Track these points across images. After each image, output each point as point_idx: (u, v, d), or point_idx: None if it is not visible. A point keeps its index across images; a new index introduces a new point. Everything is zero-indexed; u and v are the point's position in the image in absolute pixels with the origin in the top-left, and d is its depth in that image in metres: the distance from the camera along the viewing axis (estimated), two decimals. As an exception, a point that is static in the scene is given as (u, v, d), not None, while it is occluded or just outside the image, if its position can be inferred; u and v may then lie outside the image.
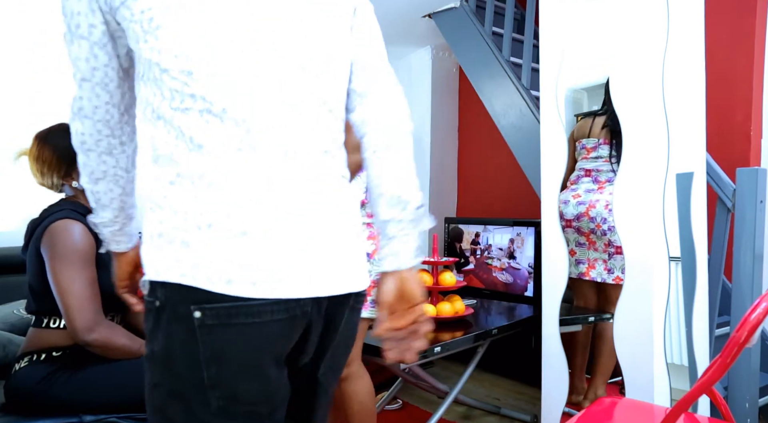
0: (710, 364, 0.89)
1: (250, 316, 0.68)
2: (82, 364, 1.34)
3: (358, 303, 0.86)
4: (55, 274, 1.29)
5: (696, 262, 1.68)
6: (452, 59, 3.80)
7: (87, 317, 1.28)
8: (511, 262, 2.63)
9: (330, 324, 0.81)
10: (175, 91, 0.70)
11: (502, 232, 2.70)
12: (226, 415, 0.70)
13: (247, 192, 0.70)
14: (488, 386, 2.77)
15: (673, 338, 1.75)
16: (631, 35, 1.62)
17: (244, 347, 0.69)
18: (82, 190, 1.44)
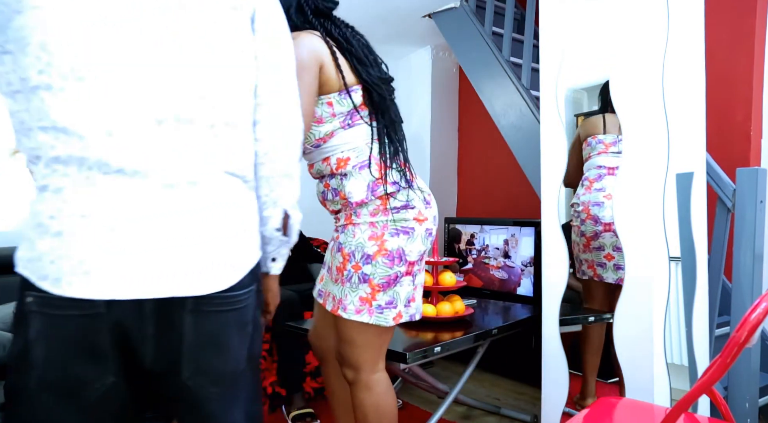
0: (710, 364, 0.89)
1: (55, 308, 0.76)
2: None
3: (206, 306, 0.82)
4: None
5: (696, 262, 1.68)
6: (452, 59, 3.80)
7: None
8: (506, 261, 2.66)
9: (166, 328, 0.80)
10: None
11: (497, 233, 2.72)
12: (35, 398, 0.78)
13: (71, 199, 0.77)
14: (488, 386, 2.77)
15: (673, 338, 1.75)
16: (631, 35, 1.62)
17: (52, 334, 0.77)
18: None
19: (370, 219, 1.28)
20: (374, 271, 1.26)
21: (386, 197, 1.28)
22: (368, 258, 1.26)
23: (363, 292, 1.27)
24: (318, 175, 1.38)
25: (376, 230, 1.28)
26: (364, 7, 3.04)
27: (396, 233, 1.28)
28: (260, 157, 0.93)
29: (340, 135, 1.29)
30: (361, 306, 1.27)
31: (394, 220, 1.28)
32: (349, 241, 1.29)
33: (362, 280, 1.26)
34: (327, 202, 1.37)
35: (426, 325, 1.94)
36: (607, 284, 2.03)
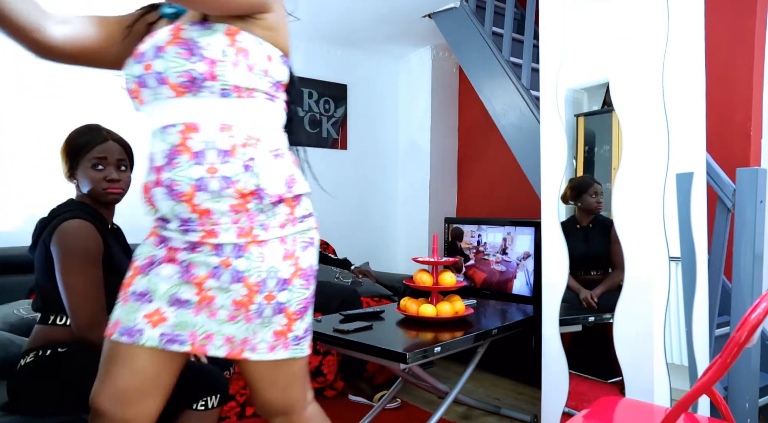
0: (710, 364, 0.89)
1: None
2: (86, 362, 1.35)
3: None
4: (63, 273, 1.31)
5: (696, 262, 1.68)
6: (452, 59, 3.80)
7: (90, 315, 1.31)
8: (504, 257, 2.70)
9: None
10: None
11: (495, 232, 2.76)
12: None
13: None
14: (488, 386, 2.77)
15: (673, 338, 1.75)
16: (631, 35, 1.62)
17: None
18: (82, 191, 1.46)
19: (280, 232, 0.99)
20: (291, 297, 1.01)
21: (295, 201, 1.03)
22: (284, 283, 0.99)
23: (278, 325, 1.01)
24: (195, 149, 0.93)
25: (287, 247, 1.00)
26: (364, 8, 3.04)
27: (305, 247, 1.03)
28: None
29: (261, 102, 0.99)
30: (276, 341, 1.01)
31: (301, 231, 1.03)
32: (257, 266, 0.97)
33: (277, 311, 1.00)
34: (200, 195, 0.93)
35: (426, 325, 1.94)
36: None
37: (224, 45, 0.92)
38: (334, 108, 3.69)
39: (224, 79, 0.91)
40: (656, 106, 1.57)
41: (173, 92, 0.93)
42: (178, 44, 0.91)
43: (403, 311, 2.01)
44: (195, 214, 0.94)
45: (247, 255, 0.97)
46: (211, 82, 0.91)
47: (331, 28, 3.33)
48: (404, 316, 2.03)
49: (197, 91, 0.92)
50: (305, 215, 1.05)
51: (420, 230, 3.86)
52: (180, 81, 0.91)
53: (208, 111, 0.93)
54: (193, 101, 0.93)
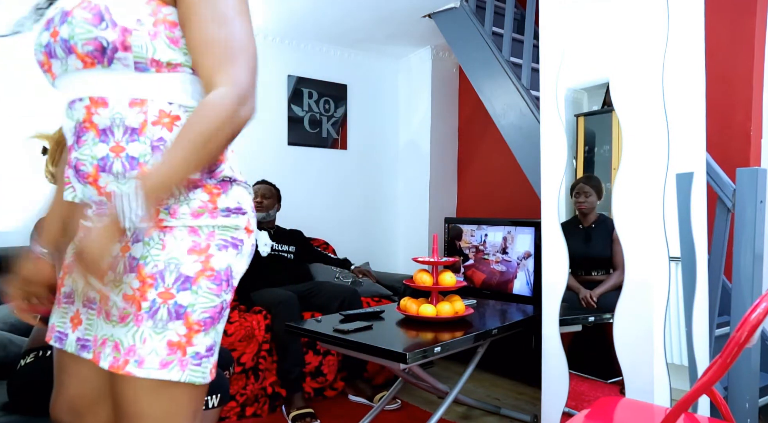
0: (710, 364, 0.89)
1: None
2: None
3: None
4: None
5: (696, 262, 1.68)
6: (452, 59, 3.80)
7: None
8: (504, 256, 2.71)
9: None
10: None
11: (495, 231, 2.76)
12: None
13: None
14: (488, 386, 2.77)
15: (673, 338, 1.75)
16: (631, 35, 1.62)
17: None
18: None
19: (191, 221, 0.84)
20: (195, 300, 0.82)
21: (220, 188, 0.88)
22: (187, 281, 0.82)
23: (174, 334, 0.81)
24: (102, 126, 0.83)
25: (198, 239, 0.84)
26: (364, 8, 3.04)
27: (225, 246, 0.86)
28: None
29: (186, 78, 0.86)
30: (170, 356, 0.81)
31: (223, 226, 0.87)
32: (155, 254, 0.82)
33: (175, 315, 0.81)
34: (104, 176, 0.84)
35: (426, 325, 1.94)
36: None
37: (143, 13, 0.81)
38: (334, 108, 3.69)
39: (139, 52, 0.81)
40: (656, 106, 1.57)
41: (81, 63, 0.82)
42: (87, 8, 0.80)
43: (403, 311, 2.01)
44: (102, 198, 0.84)
45: (146, 240, 0.83)
46: (123, 53, 0.80)
47: (331, 28, 3.33)
48: (404, 316, 2.03)
49: (108, 62, 0.81)
50: (233, 209, 0.88)
51: (420, 230, 3.86)
52: (87, 50, 0.80)
53: (119, 84, 0.83)
54: (103, 73, 0.82)
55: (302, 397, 2.33)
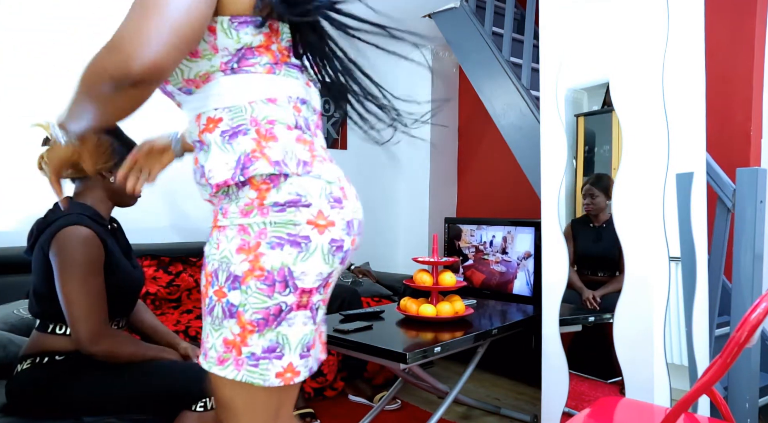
0: (710, 364, 0.89)
1: None
2: (84, 368, 1.34)
3: None
4: (63, 284, 1.28)
5: (696, 262, 1.68)
6: (452, 59, 3.80)
7: (92, 329, 1.28)
8: (504, 257, 2.71)
9: None
10: None
11: (495, 231, 2.77)
12: None
13: None
14: (488, 386, 2.77)
15: (673, 338, 1.75)
16: (631, 35, 1.62)
17: None
18: (107, 188, 1.43)
19: (240, 220, 0.84)
20: (245, 300, 0.82)
21: (270, 183, 0.84)
22: (236, 280, 0.82)
23: (229, 332, 0.83)
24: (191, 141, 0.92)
25: (247, 238, 0.83)
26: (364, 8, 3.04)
27: (278, 244, 0.82)
28: None
29: (221, 82, 0.86)
30: (226, 353, 0.84)
31: (276, 222, 0.83)
32: (213, 253, 0.86)
33: (228, 313, 0.83)
34: (196, 184, 0.92)
35: (426, 325, 1.94)
36: None
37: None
38: (334, 108, 3.69)
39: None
40: (656, 106, 1.57)
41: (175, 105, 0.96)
42: None
43: (403, 311, 2.01)
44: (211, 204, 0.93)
45: (210, 239, 0.88)
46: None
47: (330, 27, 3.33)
48: (404, 316, 2.03)
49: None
50: (287, 203, 0.83)
51: (420, 230, 3.85)
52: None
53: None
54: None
55: (302, 397, 2.33)
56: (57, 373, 1.32)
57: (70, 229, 1.30)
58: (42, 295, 1.36)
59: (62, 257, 1.28)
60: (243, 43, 0.85)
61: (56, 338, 1.35)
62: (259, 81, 0.87)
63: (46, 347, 1.35)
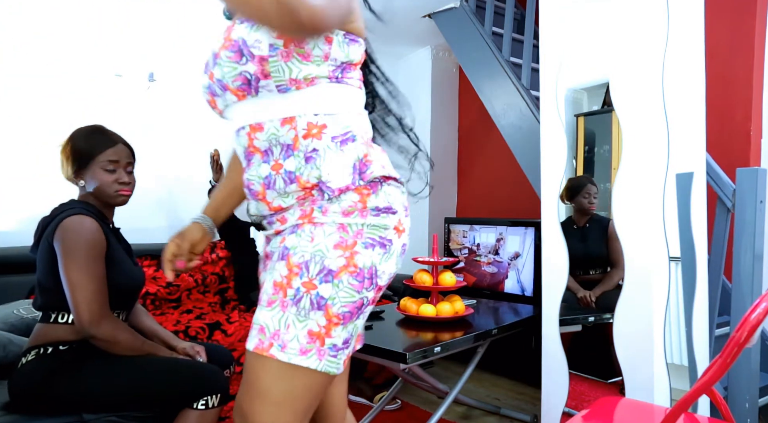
0: (710, 364, 0.89)
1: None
2: (87, 360, 1.36)
3: None
4: (66, 268, 1.31)
5: (696, 262, 1.68)
6: (452, 59, 3.80)
7: (93, 311, 1.31)
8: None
9: None
10: None
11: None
12: None
13: None
14: (488, 386, 2.77)
15: (673, 338, 1.75)
16: (631, 35, 1.62)
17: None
18: (86, 191, 1.47)
19: (341, 219, 0.88)
20: (335, 293, 0.86)
21: (370, 189, 0.91)
22: (329, 274, 0.86)
23: (315, 324, 0.86)
24: (263, 148, 0.92)
25: (346, 236, 0.88)
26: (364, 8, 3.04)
27: (372, 245, 0.89)
28: None
29: (325, 88, 0.91)
30: (310, 344, 0.86)
31: (372, 225, 0.90)
32: (303, 245, 0.88)
33: (316, 305, 0.86)
34: (270, 193, 0.92)
35: (426, 325, 1.94)
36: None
37: (273, 38, 0.85)
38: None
39: (278, 76, 0.87)
40: (656, 106, 1.57)
41: (235, 97, 0.92)
42: (229, 47, 0.88)
43: (403, 311, 2.01)
44: (272, 211, 0.94)
45: (299, 232, 0.90)
46: (264, 80, 0.87)
47: (331, 28, 3.33)
48: (404, 316, 2.03)
49: (255, 92, 0.90)
50: (383, 209, 0.91)
51: (420, 230, 3.86)
52: (237, 85, 0.89)
53: (270, 109, 0.90)
54: (254, 102, 0.91)
55: (302, 397, 2.32)
56: (61, 363, 1.34)
57: (74, 218, 1.35)
58: (46, 287, 1.39)
59: (66, 243, 1.33)
60: (350, 58, 0.93)
61: (59, 327, 1.38)
62: (356, 94, 0.96)
63: (50, 337, 1.37)
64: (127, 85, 2.68)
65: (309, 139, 0.89)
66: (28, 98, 2.45)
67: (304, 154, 0.89)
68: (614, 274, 2.00)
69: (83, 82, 2.58)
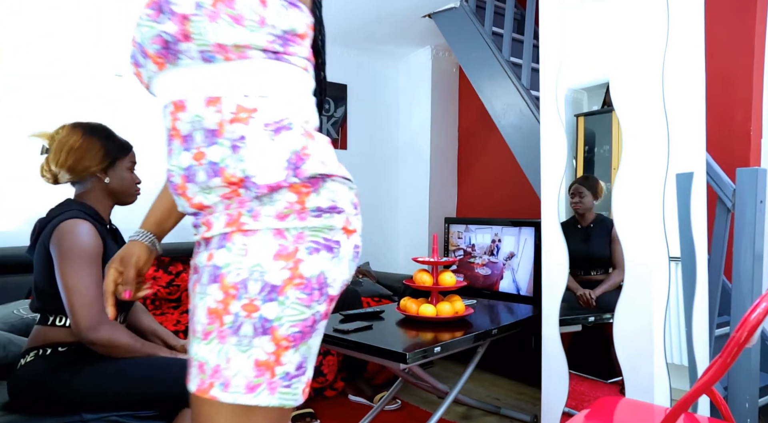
0: (710, 364, 0.89)
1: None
2: (87, 360, 1.35)
3: None
4: (63, 273, 1.31)
5: (696, 262, 1.68)
6: (452, 59, 3.80)
7: (91, 316, 1.30)
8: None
9: None
10: None
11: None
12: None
13: None
14: (488, 386, 2.77)
15: (673, 338, 1.75)
16: (631, 35, 1.62)
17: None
18: (103, 188, 1.47)
19: (276, 223, 0.74)
20: (282, 312, 0.73)
21: (310, 186, 0.76)
22: (273, 290, 0.73)
23: (261, 352, 0.73)
24: (184, 132, 0.77)
25: (285, 243, 0.74)
26: (364, 8, 3.04)
27: (316, 249, 0.75)
28: None
29: (259, 63, 0.76)
30: (258, 378, 0.73)
31: (313, 227, 0.76)
32: (238, 261, 0.74)
33: (261, 330, 0.72)
34: (190, 187, 0.78)
35: (426, 325, 1.94)
36: None
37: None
38: (334, 108, 3.69)
39: (201, 38, 0.72)
40: (656, 106, 1.57)
41: (155, 65, 0.78)
42: (150, 4, 0.75)
43: (403, 311, 2.01)
44: (194, 209, 0.79)
45: (228, 245, 0.75)
46: (185, 43, 0.73)
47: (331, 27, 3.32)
48: (404, 316, 2.03)
49: (175, 58, 0.75)
50: (325, 209, 0.77)
51: (420, 230, 3.86)
52: (155, 50, 0.75)
53: (192, 82, 0.76)
54: (176, 73, 0.76)
55: (302, 397, 2.32)
56: (60, 363, 1.34)
57: (70, 222, 1.35)
58: (43, 290, 1.38)
59: (62, 247, 1.32)
60: (292, 26, 0.77)
61: (57, 330, 1.38)
62: (299, 75, 0.80)
63: (48, 339, 1.37)
64: (127, 85, 2.68)
65: (236, 125, 0.74)
66: (28, 98, 2.45)
67: (231, 143, 0.74)
68: (616, 275, 2.00)
69: (83, 82, 2.58)
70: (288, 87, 0.78)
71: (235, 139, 0.74)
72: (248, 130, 0.74)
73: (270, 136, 0.74)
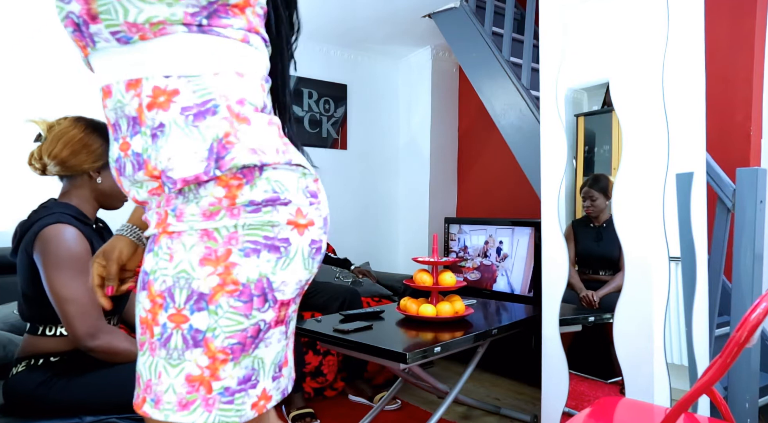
0: (710, 364, 0.89)
1: None
2: (81, 368, 1.33)
3: None
4: (52, 283, 1.25)
5: (696, 262, 1.68)
6: (452, 59, 3.80)
7: (89, 324, 1.26)
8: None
9: None
10: None
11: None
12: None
13: None
14: (488, 386, 2.77)
15: (673, 338, 1.75)
16: (631, 35, 1.62)
17: None
18: (93, 188, 1.40)
19: (202, 223, 0.67)
20: (215, 323, 0.66)
21: (242, 178, 0.67)
22: (201, 299, 0.66)
23: (193, 366, 0.66)
24: (112, 120, 0.72)
25: (214, 245, 0.67)
26: (364, 8, 3.04)
27: (254, 250, 0.67)
28: None
29: (181, 39, 0.67)
30: (191, 394, 0.66)
31: (250, 225, 0.67)
32: (163, 267, 0.68)
33: (192, 342, 0.66)
34: (123, 181, 0.72)
35: (426, 325, 1.94)
36: None
37: None
38: (334, 108, 3.69)
39: (109, 18, 0.65)
40: (656, 106, 1.57)
41: (79, 50, 0.71)
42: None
43: (403, 311, 2.01)
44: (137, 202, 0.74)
45: (156, 249, 0.69)
46: (95, 25, 0.66)
47: (330, 28, 3.33)
48: (404, 316, 2.03)
49: (91, 41, 0.68)
50: (262, 202, 0.68)
51: (420, 230, 3.86)
52: (70, 32, 0.69)
53: (113, 65, 0.68)
54: (97, 57, 0.69)
55: (302, 397, 2.33)
56: (53, 374, 1.31)
57: (53, 228, 1.27)
58: (30, 297, 1.34)
59: (48, 256, 1.25)
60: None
61: (47, 340, 1.34)
62: (232, 48, 0.70)
63: (40, 349, 1.33)
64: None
65: (154, 111, 0.66)
66: (25, 98, 2.45)
67: (151, 131, 0.67)
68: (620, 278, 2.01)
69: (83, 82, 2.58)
70: (217, 63, 0.69)
71: (155, 127, 0.67)
72: (167, 117, 0.66)
73: (188, 122, 0.67)
